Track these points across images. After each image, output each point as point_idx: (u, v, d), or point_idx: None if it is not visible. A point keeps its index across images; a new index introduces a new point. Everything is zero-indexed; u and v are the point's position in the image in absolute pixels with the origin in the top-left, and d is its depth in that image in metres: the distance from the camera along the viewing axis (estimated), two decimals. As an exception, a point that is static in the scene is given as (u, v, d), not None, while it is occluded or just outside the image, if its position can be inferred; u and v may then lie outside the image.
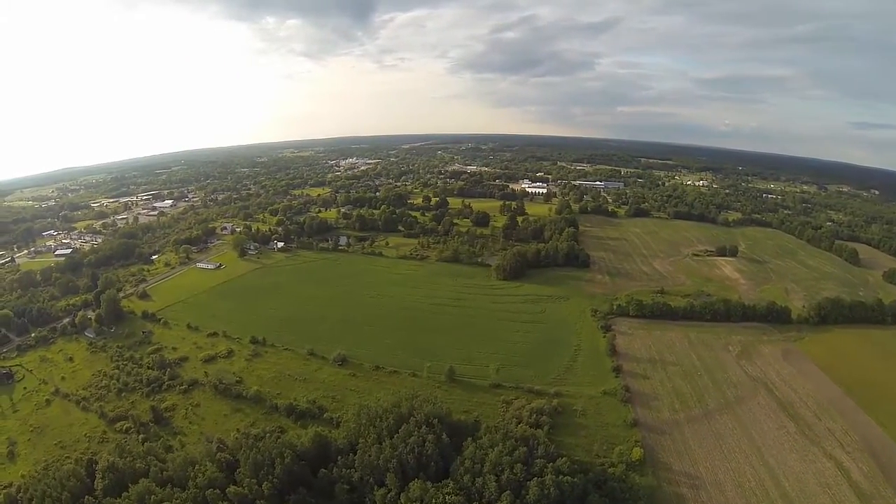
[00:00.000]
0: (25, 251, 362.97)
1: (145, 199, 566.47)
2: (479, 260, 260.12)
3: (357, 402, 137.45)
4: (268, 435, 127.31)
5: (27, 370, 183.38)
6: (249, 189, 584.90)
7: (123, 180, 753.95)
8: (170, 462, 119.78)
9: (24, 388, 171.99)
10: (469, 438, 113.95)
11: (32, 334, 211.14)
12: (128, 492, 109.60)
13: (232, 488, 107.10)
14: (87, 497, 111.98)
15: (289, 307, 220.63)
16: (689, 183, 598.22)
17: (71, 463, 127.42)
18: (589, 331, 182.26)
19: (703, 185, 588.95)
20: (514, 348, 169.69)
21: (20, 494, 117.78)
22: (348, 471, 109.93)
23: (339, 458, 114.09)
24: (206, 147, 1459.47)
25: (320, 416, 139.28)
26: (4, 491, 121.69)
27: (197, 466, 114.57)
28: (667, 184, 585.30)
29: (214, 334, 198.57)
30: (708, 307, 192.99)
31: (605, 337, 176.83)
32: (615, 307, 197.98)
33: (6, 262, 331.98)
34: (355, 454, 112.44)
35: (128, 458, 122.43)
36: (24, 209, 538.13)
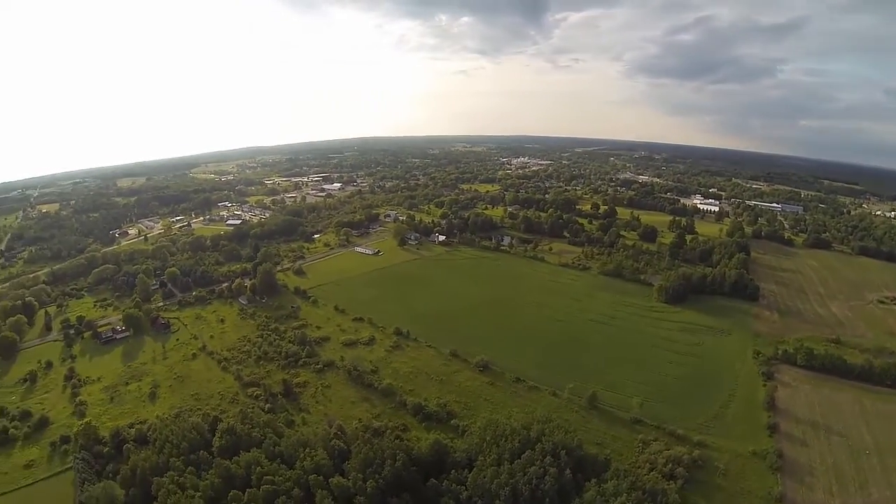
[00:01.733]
0: (201, 218, 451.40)
1: (315, 181, 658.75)
2: (642, 278, 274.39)
3: (488, 415, 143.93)
4: (388, 431, 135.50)
5: (183, 324, 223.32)
6: (418, 179, 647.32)
7: (297, 161, 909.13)
8: (285, 438, 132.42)
9: (177, 339, 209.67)
10: (594, 480, 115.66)
11: (193, 293, 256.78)
12: (238, 457, 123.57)
13: (336, 478, 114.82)
14: (202, 452, 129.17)
15: (439, 303, 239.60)
16: (878, 213, 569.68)
17: (199, 417, 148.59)
18: (748, 375, 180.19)
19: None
20: (662, 381, 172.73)
21: (149, 432, 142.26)
22: (458, 487, 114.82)
23: (454, 471, 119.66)
24: (379, 136, 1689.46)
25: (447, 421, 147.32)
26: (139, 426, 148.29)
27: (308, 449, 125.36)
28: (852, 212, 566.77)
29: (360, 319, 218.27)
30: (891, 370, 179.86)
31: (764, 386, 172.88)
32: (781, 352, 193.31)
33: (183, 227, 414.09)
34: (470, 471, 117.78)
35: (248, 426, 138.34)
36: (205, 181, 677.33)
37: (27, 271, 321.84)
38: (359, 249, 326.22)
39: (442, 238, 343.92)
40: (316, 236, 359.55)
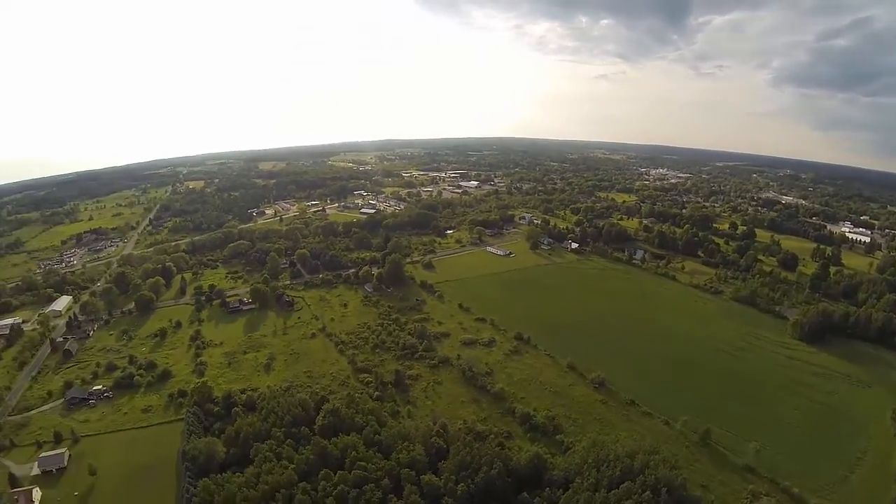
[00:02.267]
0: (336, 204, 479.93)
1: (452, 177, 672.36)
2: (777, 309, 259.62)
3: (594, 435, 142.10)
4: (491, 437, 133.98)
5: (306, 304, 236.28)
6: (555, 183, 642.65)
7: (436, 157, 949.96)
8: (386, 428, 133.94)
9: (299, 317, 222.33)
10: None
11: (320, 275, 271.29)
12: (337, 438, 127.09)
13: (428, 476, 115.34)
14: (303, 427, 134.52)
15: (564, 311, 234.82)
16: None
17: (307, 393, 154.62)
18: (883, 438, 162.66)
19: None
20: (785, 429, 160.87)
21: (259, 401, 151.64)
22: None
23: (548, 489, 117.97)
24: (518, 136, 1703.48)
25: (552, 434, 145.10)
26: (250, 392, 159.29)
27: (407, 442, 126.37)
28: None
29: (482, 320, 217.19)
30: None
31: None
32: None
33: (317, 211, 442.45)
34: (565, 492, 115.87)
35: (352, 410, 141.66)
36: (343, 169, 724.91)
37: (170, 239, 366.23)
38: (490, 249, 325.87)
39: (574, 245, 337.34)
40: (449, 232, 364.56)
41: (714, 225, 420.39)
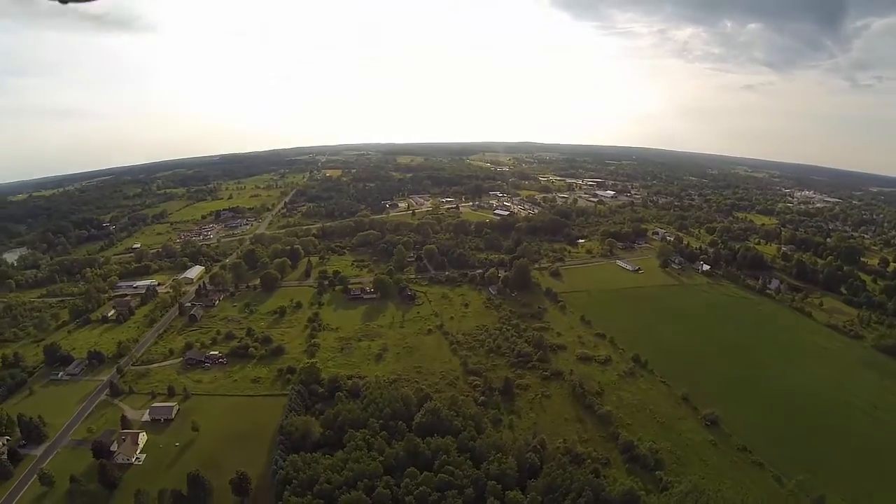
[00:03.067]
0: (469, 203, 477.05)
1: (589, 185, 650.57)
2: None
3: (696, 479, 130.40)
4: (588, 462, 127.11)
5: (427, 300, 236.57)
6: (692, 199, 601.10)
7: (574, 163, 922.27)
8: (482, 437, 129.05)
9: (418, 312, 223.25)
10: None
11: (446, 272, 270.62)
12: (431, 438, 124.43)
13: (514, 492, 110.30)
14: (400, 422, 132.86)
15: (686, 338, 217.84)
16: None
17: (412, 389, 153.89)
18: None
19: None
20: None
21: (363, 389, 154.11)
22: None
23: None
24: (656, 147, 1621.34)
25: (653, 469, 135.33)
26: (356, 380, 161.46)
27: (500, 454, 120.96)
28: None
29: (601, 336, 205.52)
30: None
31: None
32: None
33: (451, 208, 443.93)
34: None
35: (453, 412, 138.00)
36: (479, 169, 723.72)
37: (302, 223, 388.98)
38: (620, 263, 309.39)
39: (706, 268, 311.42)
40: (580, 241, 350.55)
41: (862, 259, 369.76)
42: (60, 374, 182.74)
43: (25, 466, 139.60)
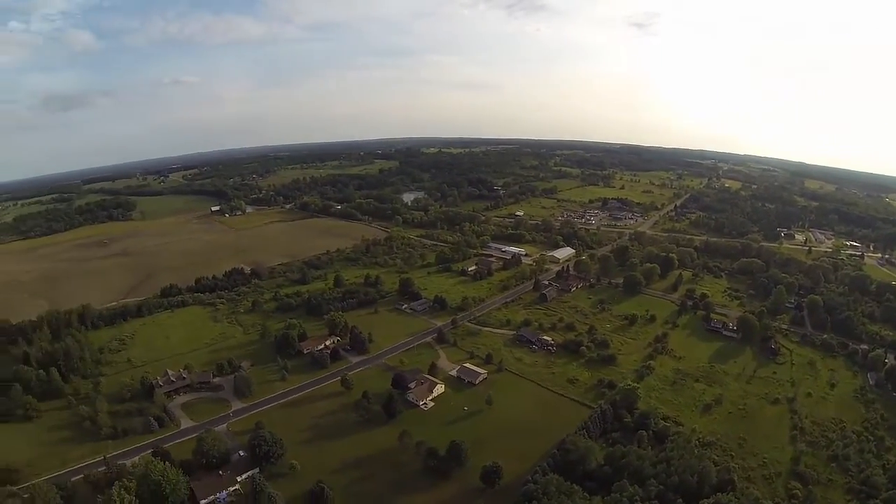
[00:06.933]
0: (878, 255, 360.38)
1: None
2: None
3: None
4: None
5: (791, 360, 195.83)
6: None
7: None
8: None
9: (774, 372, 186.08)
10: None
11: (823, 335, 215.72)
12: None
13: None
14: (679, 499, 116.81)
15: None
16: None
17: (717, 458, 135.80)
18: None
19: None
20: None
21: (671, 440, 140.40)
22: None
23: None
24: None
25: None
26: (670, 424, 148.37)
27: None
28: None
29: None
30: None
31: None
32: None
33: (854, 256, 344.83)
34: None
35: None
36: None
37: (687, 232, 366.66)
38: None
39: None
40: None
41: None
42: (405, 306, 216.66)
43: (339, 366, 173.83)
